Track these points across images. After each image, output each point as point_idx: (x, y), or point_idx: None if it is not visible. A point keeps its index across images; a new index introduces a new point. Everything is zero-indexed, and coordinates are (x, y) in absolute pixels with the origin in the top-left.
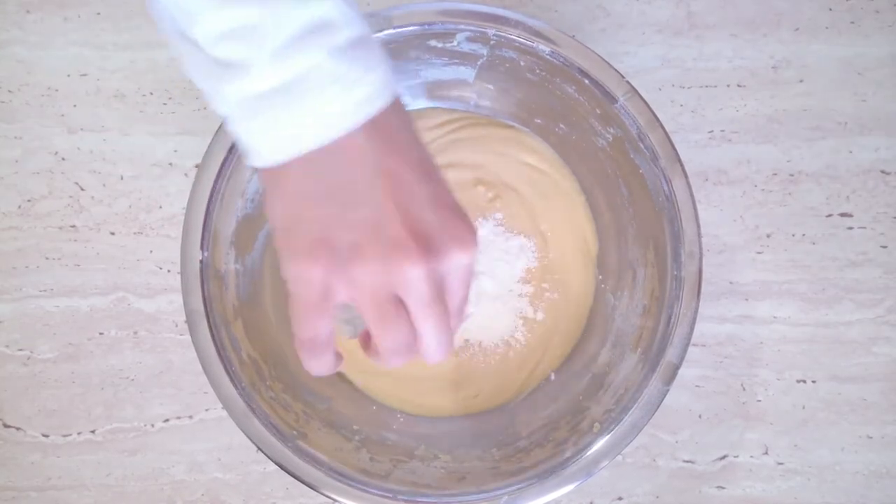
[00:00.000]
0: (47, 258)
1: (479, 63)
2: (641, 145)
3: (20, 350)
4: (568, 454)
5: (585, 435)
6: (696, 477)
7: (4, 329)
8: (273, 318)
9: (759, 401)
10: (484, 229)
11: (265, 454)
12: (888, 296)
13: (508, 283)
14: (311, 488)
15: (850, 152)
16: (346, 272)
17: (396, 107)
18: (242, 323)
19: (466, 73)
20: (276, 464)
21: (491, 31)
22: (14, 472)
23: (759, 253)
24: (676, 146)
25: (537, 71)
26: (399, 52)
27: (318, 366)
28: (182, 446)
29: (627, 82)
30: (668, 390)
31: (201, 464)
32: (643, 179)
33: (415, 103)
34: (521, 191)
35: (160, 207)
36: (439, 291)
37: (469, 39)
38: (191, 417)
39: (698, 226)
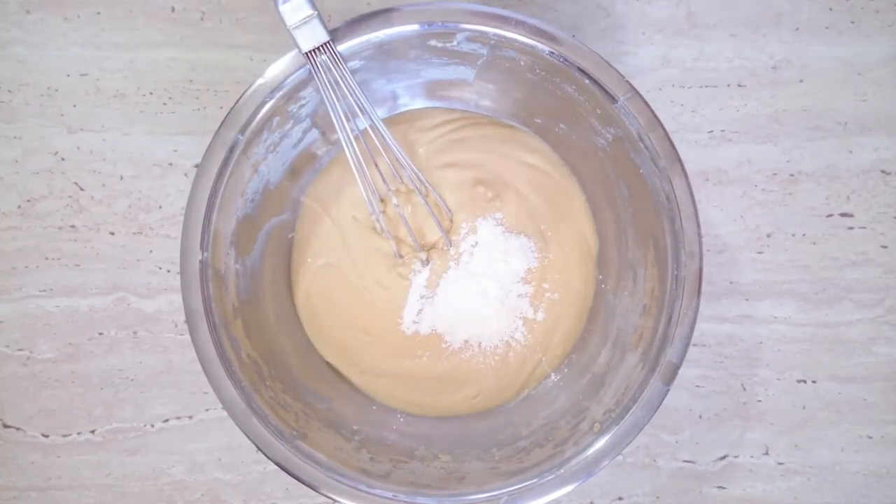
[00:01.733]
0: (47, 258)
1: (479, 63)
2: (641, 145)
3: (20, 350)
4: (568, 454)
5: (585, 435)
6: (696, 477)
7: (4, 329)
8: (273, 317)
9: (760, 401)
10: (484, 229)
11: (265, 454)
12: (888, 296)
13: (508, 283)
14: (311, 488)
15: (850, 152)
16: None
17: None
18: (242, 323)
19: (466, 73)
20: (276, 464)
21: (491, 31)
22: (14, 472)
23: (760, 253)
24: (676, 146)
25: (537, 71)
26: (399, 52)
27: None
28: (182, 446)
29: (628, 82)
30: (668, 390)
31: (201, 464)
32: (643, 179)
33: (415, 103)
34: (521, 191)
35: (160, 207)
36: None
37: (469, 39)
38: (191, 417)
39: (698, 225)
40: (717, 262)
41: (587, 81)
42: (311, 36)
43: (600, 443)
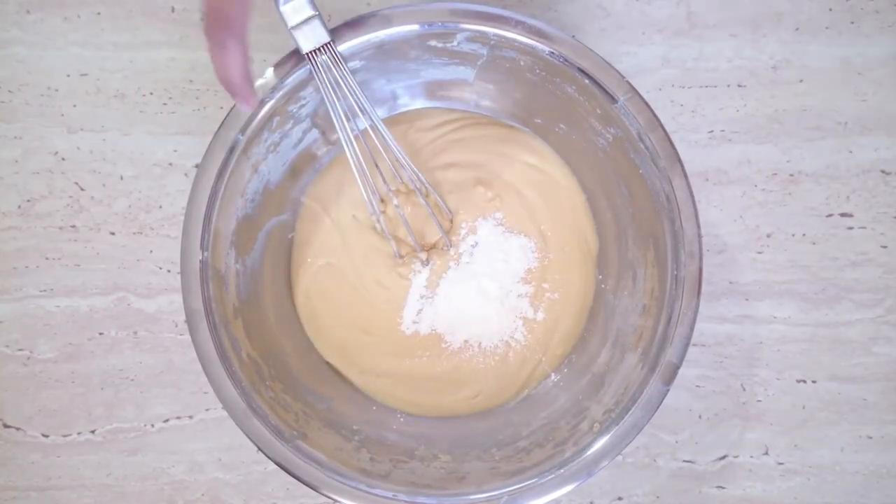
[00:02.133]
0: (47, 258)
1: (479, 63)
2: (641, 145)
3: (20, 350)
4: (568, 454)
5: (585, 435)
6: (696, 477)
7: (4, 329)
8: (273, 317)
9: (759, 401)
10: (484, 229)
11: (265, 454)
12: (888, 296)
13: (508, 283)
14: (312, 488)
15: (850, 152)
16: None
17: None
18: (242, 323)
19: (466, 73)
20: (277, 464)
21: (491, 31)
22: (14, 472)
23: (759, 253)
24: (676, 146)
25: (537, 71)
26: (399, 52)
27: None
28: (182, 446)
29: (627, 82)
30: (668, 390)
31: (201, 464)
32: (643, 179)
33: (415, 103)
34: (521, 191)
35: (160, 207)
36: None
37: (469, 39)
38: (191, 417)
39: (698, 226)
40: (717, 262)
41: (587, 81)
42: (312, 36)
43: (600, 443)
